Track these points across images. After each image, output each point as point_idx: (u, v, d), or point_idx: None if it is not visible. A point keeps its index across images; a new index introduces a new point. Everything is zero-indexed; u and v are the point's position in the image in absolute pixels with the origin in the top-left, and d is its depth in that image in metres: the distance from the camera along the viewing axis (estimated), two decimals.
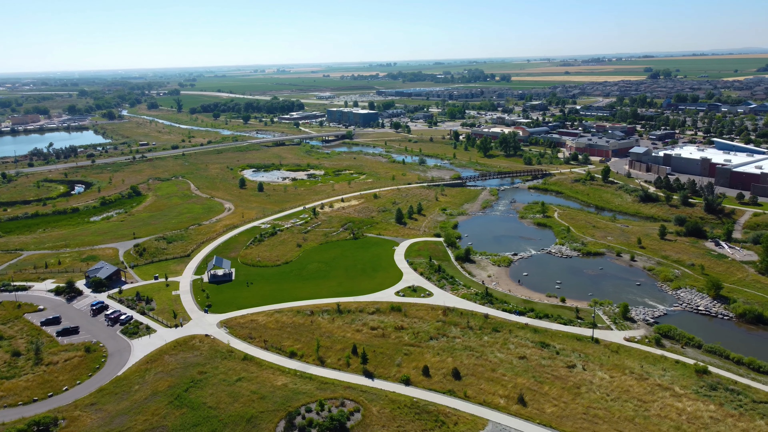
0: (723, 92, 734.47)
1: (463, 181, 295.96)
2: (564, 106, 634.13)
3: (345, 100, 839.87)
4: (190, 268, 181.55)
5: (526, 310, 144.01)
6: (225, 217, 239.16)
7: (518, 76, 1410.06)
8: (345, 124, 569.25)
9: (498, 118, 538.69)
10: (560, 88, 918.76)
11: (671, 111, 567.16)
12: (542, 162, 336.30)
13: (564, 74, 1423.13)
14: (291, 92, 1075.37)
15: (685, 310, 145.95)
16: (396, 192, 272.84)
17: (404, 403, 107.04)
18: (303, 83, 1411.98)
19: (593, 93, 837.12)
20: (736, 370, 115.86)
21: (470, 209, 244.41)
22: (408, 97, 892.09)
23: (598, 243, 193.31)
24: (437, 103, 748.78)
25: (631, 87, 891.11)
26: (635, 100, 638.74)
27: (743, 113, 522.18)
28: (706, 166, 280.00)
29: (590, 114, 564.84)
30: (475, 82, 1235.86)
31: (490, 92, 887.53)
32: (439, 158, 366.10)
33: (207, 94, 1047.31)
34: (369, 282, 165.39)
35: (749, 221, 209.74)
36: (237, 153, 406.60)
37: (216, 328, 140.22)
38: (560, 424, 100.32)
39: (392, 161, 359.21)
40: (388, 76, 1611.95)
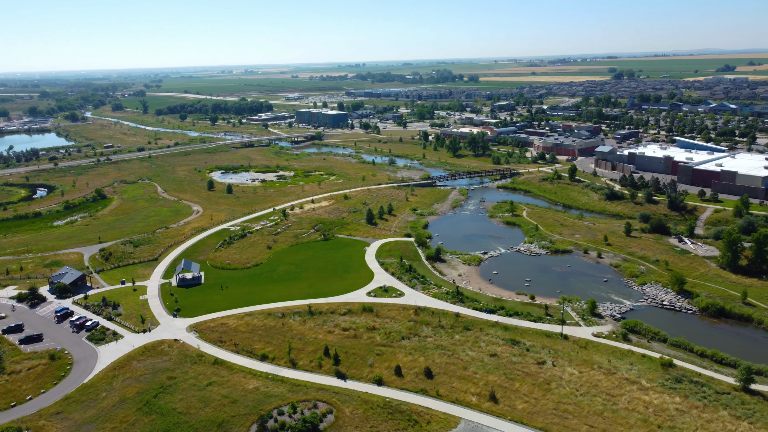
0: (684, 92, 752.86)
1: (432, 181, 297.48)
2: (531, 106, 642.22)
3: (314, 101, 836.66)
4: (158, 272, 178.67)
5: (496, 309, 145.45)
6: (193, 219, 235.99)
7: (486, 76, 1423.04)
8: (314, 125, 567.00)
9: (467, 119, 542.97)
10: (527, 88, 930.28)
11: (635, 110, 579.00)
12: (510, 161, 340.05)
13: (531, 75, 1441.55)
14: (259, 93, 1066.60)
15: (650, 305, 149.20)
16: (366, 192, 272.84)
17: (377, 404, 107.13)
18: (271, 84, 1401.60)
19: (559, 93, 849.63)
20: (699, 363, 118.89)
21: (440, 209, 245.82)
22: (377, 97, 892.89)
23: (566, 241, 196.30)
24: (406, 104, 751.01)
25: (596, 87, 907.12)
26: (600, 100, 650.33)
27: (703, 113, 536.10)
28: (669, 165, 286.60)
29: (557, 114, 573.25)
30: (443, 83, 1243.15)
31: (459, 93, 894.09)
32: (408, 158, 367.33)
33: (173, 96, 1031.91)
34: (340, 283, 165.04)
35: (710, 217, 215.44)
36: (205, 155, 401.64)
37: (185, 332, 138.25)
38: (531, 420, 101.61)
39: (362, 162, 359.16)
40: (357, 77, 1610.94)
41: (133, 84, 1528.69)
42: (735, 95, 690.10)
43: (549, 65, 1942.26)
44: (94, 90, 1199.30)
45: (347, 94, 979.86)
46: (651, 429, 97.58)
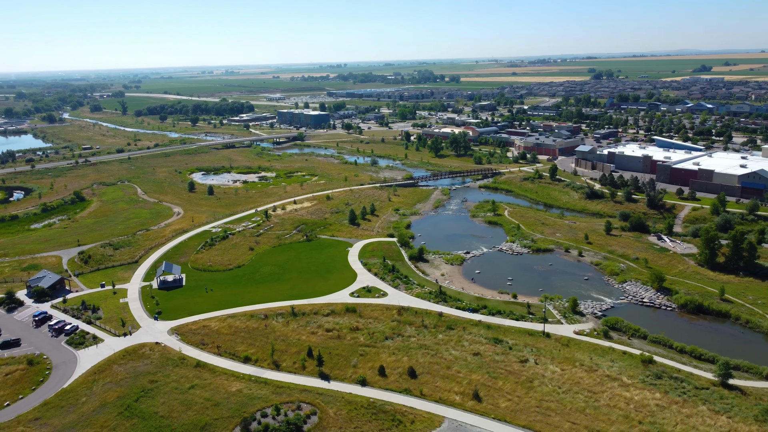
0: (662, 92, 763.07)
1: (415, 181, 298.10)
2: (512, 107, 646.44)
3: (295, 101, 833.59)
4: (139, 275, 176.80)
5: (479, 308, 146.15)
6: (174, 221, 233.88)
7: (467, 76, 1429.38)
8: (296, 125, 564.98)
9: (448, 119, 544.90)
10: (508, 88, 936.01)
11: (614, 110, 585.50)
12: (492, 161, 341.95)
13: (511, 75, 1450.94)
14: (240, 94, 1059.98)
15: (630, 302, 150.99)
16: (349, 193, 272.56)
17: (361, 404, 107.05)
18: (252, 85, 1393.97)
19: (540, 93, 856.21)
20: (679, 359, 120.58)
21: (423, 209, 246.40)
22: (359, 98, 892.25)
23: (548, 240, 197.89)
24: (388, 104, 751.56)
25: (575, 87, 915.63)
26: (580, 100, 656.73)
27: (681, 112, 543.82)
28: (648, 164, 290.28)
29: (537, 114, 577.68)
30: (425, 83, 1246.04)
31: (440, 93, 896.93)
32: (391, 159, 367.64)
33: (153, 96, 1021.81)
34: (323, 284, 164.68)
35: (688, 215, 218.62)
36: (185, 156, 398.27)
37: (167, 335, 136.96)
38: (514, 418, 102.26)
39: (344, 162, 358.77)
40: (338, 77, 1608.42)
41: (112, 85, 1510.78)
42: (711, 95, 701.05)
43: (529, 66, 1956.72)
44: (72, 91, 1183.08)
45: (329, 94, 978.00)
46: (632, 425, 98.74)
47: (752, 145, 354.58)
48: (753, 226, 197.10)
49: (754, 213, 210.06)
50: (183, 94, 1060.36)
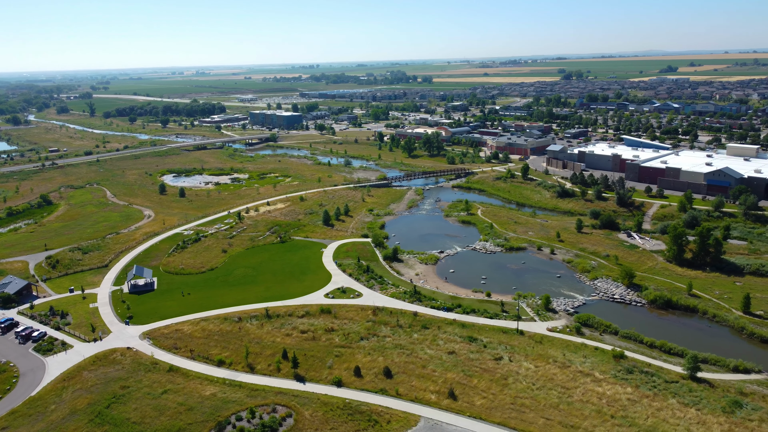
0: (630, 92, 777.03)
1: (388, 181, 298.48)
2: (484, 107, 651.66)
3: (268, 102, 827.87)
4: (109, 279, 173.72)
5: (453, 306, 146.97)
6: (145, 224, 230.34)
7: (439, 77, 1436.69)
8: (269, 126, 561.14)
9: (421, 119, 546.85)
10: (480, 89, 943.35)
11: (584, 110, 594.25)
12: (465, 161, 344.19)
13: (483, 75, 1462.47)
14: (211, 95, 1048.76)
15: (602, 299, 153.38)
16: (322, 194, 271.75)
17: (337, 405, 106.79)
18: (224, 86, 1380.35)
19: (511, 93, 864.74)
20: (649, 354, 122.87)
21: (397, 209, 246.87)
22: (332, 98, 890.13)
23: (520, 238, 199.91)
24: (361, 105, 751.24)
25: (546, 88, 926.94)
26: (551, 100, 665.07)
27: (648, 111, 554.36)
28: (617, 162, 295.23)
29: (509, 114, 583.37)
30: (397, 84, 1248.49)
31: (413, 93, 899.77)
32: (364, 159, 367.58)
33: (122, 98, 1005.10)
34: (298, 285, 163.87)
35: (657, 213, 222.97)
36: (156, 158, 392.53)
37: (138, 340, 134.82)
38: (489, 415, 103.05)
39: (318, 163, 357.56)
40: (311, 78, 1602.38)
41: (79, 86, 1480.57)
42: (677, 95, 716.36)
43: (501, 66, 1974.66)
44: (38, 92, 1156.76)
45: (302, 95, 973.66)
46: (604, 419, 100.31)
47: (717, 143, 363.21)
48: (719, 223, 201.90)
49: (719, 210, 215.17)
50: (153, 95, 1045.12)
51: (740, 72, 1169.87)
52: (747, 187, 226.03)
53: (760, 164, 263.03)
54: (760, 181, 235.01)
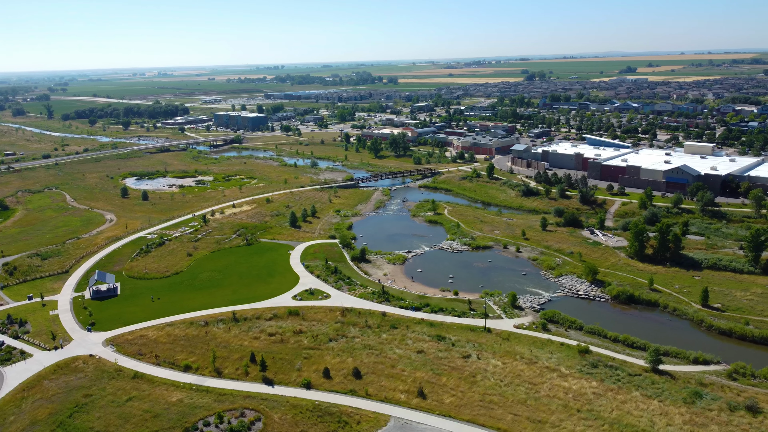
0: (591, 92, 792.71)
1: (355, 182, 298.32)
2: (449, 107, 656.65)
3: (232, 103, 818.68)
4: (70, 285, 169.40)
5: (421, 306, 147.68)
6: (107, 228, 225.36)
7: (405, 78, 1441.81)
8: (233, 128, 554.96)
9: (387, 120, 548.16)
10: (445, 89, 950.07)
11: (547, 110, 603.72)
12: (431, 161, 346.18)
13: (448, 76, 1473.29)
14: (174, 96, 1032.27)
15: (567, 295, 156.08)
16: (289, 195, 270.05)
17: (306, 407, 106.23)
18: (187, 87, 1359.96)
19: (476, 94, 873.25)
20: (613, 348, 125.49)
21: (364, 210, 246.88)
22: (297, 99, 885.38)
23: (486, 237, 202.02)
24: (327, 106, 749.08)
25: (510, 88, 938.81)
26: (514, 101, 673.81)
27: (609, 111, 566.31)
28: (580, 161, 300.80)
29: (474, 114, 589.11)
30: (363, 85, 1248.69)
31: (379, 94, 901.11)
32: (331, 160, 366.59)
33: (81, 99, 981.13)
34: (265, 288, 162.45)
35: (618, 210, 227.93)
36: (117, 161, 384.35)
37: (102, 347, 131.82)
38: (459, 412, 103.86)
39: (284, 165, 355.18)
40: (276, 79, 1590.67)
41: (36, 87, 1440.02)
42: (637, 95, 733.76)
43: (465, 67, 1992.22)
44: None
45: (266, 96, 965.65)
46: (571, 413, 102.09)
47: (675, 142, 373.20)
48: (677, 219, 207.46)
49: (678, 206, 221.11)
50: (113, 96, 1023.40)
51: (696, 72, 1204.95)
52: (704, 184, 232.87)
53: (715, 162, 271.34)
54: (715, 178, 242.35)
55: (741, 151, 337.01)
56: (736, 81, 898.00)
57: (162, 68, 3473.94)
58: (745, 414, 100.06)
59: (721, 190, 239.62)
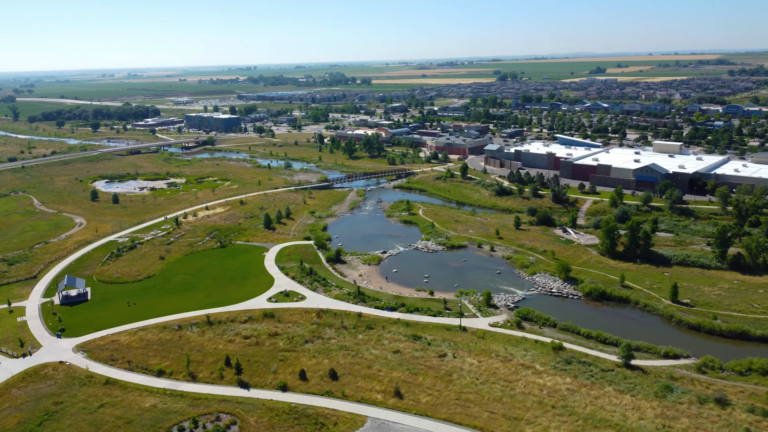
0: (562, 92, 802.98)
1: (330, 183, 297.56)
2: (423, 108, 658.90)
3: (204, 104, 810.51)
4: (38, 291, 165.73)
5: (397, 306, 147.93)
6: (76, 232, 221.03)
7: (378, 79, 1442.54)
8: (206, 129, 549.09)
9: (361, 121, 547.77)
10: (418, 90, 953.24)
11: (519, 110, 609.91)
12: (405, 162, 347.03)
13: (421, 77, 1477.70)
14: (145, 98, 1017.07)
15: (540, 293, 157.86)
16: (263, 197, 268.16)
17: (282, 410, 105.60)
18: (158, 88, 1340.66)
19: (449, 95, 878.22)
20: (586, 344, 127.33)
21: (338, 211, 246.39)
22: (270, 101, 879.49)
23: (461, 236, 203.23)
24: (300, 107, 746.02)
25: (482, 89, 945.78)
26: (487, 101, 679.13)
27: (580, 111, 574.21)
28: (552, 160, 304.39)
29: (447, 114, 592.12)
30: (336, 86, 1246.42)
31: (352, 95, 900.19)
32: (305, 161, 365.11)
33: (48, 101, 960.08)
34: (239, 290, 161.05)
35: (590, 208, 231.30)
36: (87, 163, 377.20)
37: (72, 353, 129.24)
38: (435, 411, 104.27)
39: (257, 166, 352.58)
40: (248, 80, 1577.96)
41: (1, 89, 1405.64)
42: (607, 95, 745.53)
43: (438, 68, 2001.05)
44: None
45: (239, 97, 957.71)
46: (546, 410, 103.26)
47: (644, 141, 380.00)
48: (647, 217, 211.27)
49: (647, 204, 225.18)
50: (82, 98, 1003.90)
51: (663, 73, 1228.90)
52: (672, 182, 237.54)
53: (683, 160, 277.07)
54: (683, 176, 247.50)
55: (707, 149, 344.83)
56: (702, 81, 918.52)
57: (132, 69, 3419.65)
58: (714, 406, 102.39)
59: (689, 187, 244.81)
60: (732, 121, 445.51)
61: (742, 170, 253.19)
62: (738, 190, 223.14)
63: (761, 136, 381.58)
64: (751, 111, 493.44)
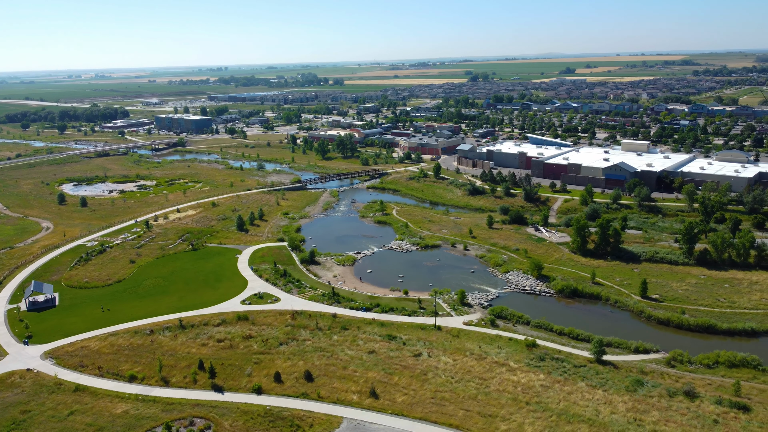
0: (533, 93, 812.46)
1: (303, 184, 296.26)
2: (395, 108, 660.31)
3: (175, 106, 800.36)
4: (3, 297, 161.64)
5: (372, 306, 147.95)
6: (43, 237, 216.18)
7: (351, 79, 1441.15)
8: (176, 131, 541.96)
9: (334, 121, 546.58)
10: (391, 91, 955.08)
11: (491, 110, 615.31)
12: (378, 162, 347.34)
13: (394, 78, 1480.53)
14: (113, 99, 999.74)
15: (513, 291, 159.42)
16: (235, 199, 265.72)
17: (257, 413, 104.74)
18: (126, 89, 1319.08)
19: (421, 95, 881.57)
20: (559, 341, 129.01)
21: (312, 212, 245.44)
22: (242, 101, 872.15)
23: (435, 236, 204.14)
24: (273, 108, 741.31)
25: (454, 89, 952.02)
26: (459, 101, 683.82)
27: (550, 111, 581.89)
28: (523, 160, 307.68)
29: (420, 115, 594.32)
30: (309, 86, 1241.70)
31: (325, 96, 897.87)
32: (277, 163, 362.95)
33: (13, 103, 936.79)
34: (212, 293, 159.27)
35: (561, 207, 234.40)
36: (53, 166, 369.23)
37: (40, 360, 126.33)
38: (411, 411, 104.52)
39: (229, 168, 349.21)
40: (219, 81, 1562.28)
41: None
42: (576, 95, 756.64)
43: (410, 69, 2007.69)
44: None
45: (210, 98, 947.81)
46: (520, 406, 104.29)
47: (613, 140, 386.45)
48: (617, 214, 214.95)
49: (617, 202, 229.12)
50: (48, 99, 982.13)
51: (631, 73, 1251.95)
52: (640, 180, 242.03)
53: (651, 159, 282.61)
54: (651, 174, 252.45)
55: (674, 148, 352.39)
56: (668, 81, 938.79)
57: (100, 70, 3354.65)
58: (684, 399, 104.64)
59: (657, 185, 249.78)
60: (697, 120, 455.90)
61: (707, 168, 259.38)
62: (703, 188, 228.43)
63: (725, 135, 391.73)
64: (715, 110, 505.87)
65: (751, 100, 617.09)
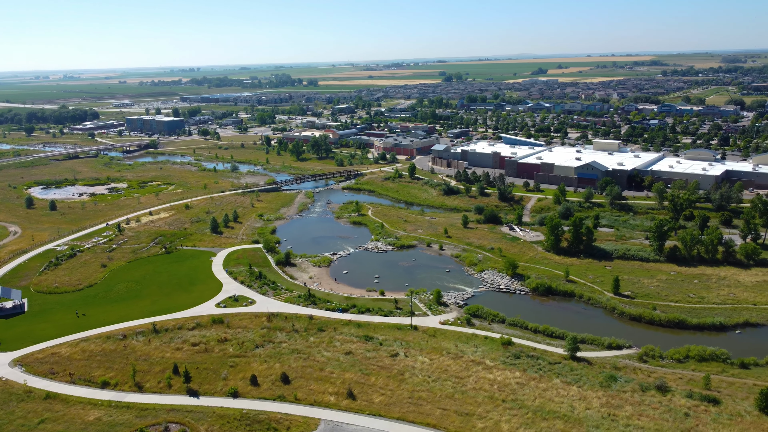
0: (506, 93, 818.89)
1: (278, 185, 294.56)
2: (370, 109, 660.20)
3: (146, 107, 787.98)
4: None
5: (348, 307, 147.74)
6: (10, 242, 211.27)
7: (325, 80, 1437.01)
8: (148, 132, 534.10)
9: (308, 122, 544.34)
10: (365, 91, 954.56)
11: (465, 111, 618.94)
12: (354, 163, 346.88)
13: (368, 78, 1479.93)
14: (82, 100, 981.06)
15: (489, 290, 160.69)
16: (209, 201, 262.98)
17: (234, 417, 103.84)
18: (96, 90, 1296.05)
19: (396, 96, 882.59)
20: (534, 338, 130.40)
21: (287, 213, 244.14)
22: (215, 103, 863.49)
23: (410, 236, 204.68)
24: (246, 109, 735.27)
25: (428, 90, 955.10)
26: (433, 102, 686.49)
27: (523, 111, 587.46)
28: (497, 159, 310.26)
29: (394, 116, 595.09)
30: (283, 87, 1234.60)
31: (299, 97, 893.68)
32: (252, 164, 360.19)
33: None
34: (187, 297, 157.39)
35: (535, 206, 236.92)
36: (21, 169, 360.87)
37: (8, 368, 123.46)
38: (388, 411, 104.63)
39: (203, 169, 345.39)
40: (192, 82, 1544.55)
41: None
42: (548, 95, 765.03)
43: (384, 69, 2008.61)
44: None
45: (182, 99, 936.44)
46: (497, 404, 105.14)
47: (585, 139, 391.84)
48: (589, 213, 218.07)
49: (589, 200, 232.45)
50: (14, 101, 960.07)
51: (601, 74, 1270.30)
52: (612, 179, 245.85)
53: (621, 158, 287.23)
54: (622, 173, 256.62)
55: (644, 147, 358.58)
56: (637, 81, 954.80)
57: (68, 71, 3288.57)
58: (656, 393, 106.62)
59: (628, 184, 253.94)
60: (666, 120, 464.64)
61: (676, 166, 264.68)
62: (673, 186, 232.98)
63: (693, 134, 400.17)
64: (684, 110, 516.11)
65: (718, 99, 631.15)
